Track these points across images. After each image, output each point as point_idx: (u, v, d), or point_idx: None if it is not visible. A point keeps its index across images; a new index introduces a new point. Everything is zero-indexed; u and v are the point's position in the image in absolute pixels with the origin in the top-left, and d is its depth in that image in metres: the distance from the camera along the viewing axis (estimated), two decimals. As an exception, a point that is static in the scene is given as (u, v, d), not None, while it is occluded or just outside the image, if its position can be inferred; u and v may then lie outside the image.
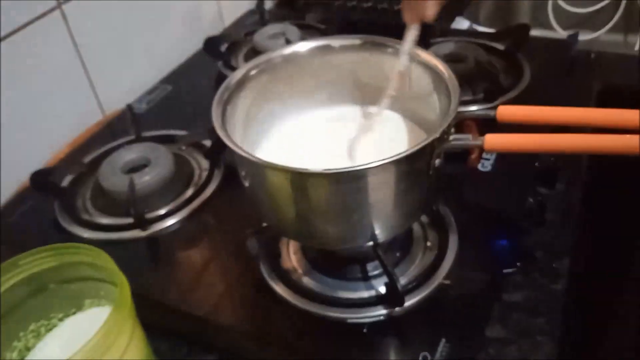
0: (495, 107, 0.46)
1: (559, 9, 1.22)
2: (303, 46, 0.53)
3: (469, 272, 0.54)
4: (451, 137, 0.45)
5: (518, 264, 0.55)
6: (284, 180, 0.43)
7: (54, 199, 0.66)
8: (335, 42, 0.54)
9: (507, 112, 0.44)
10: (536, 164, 0.64)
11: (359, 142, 0.54)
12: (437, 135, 0.43)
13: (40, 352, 0.49)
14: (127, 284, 0.44)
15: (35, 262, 0.46)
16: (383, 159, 0.40)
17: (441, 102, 0.50)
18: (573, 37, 0.87)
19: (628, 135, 0.39)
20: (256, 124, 0.53)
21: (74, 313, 0.51)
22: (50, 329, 0.50)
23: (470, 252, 0.55)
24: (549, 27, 1.24)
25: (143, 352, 0.46)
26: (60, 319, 0.50)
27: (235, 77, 0.50)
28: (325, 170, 0.40)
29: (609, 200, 0.74)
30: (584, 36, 1.20)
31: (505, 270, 0.55)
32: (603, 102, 0.75)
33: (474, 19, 0.98)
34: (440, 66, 0.49)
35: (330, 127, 0.56)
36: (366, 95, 0.57)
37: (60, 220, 0.63)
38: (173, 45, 0.94)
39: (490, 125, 0.47)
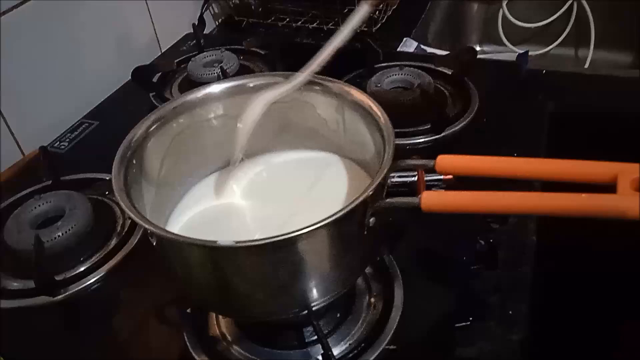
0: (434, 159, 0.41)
1: (509, 25, 1.20)
2: (216, 88, 0.47)
3: (418, 331, 0.49)
4: (391, 180, 0.40)
5: (470, 318, 0.50)
6: (195, 255, 0.37)
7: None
8: (252, 81, 0.48)
9: (445, 162, 0.39)
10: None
11: (296, 191, 0.49)
12: (369, 192, 0.37)
13: None
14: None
15: None
16: (303, 228, 0.35)
17: (377, 147, 0.44)
18: (523, 57, 0.84)
19: (584, 195, 0.34)
20: (175, 178, 0.47)
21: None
22: None
23: (418, 306, 0.50)
24: (500, 42, 1.22)
25: None
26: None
27: (136, 132, 0.43)
28: (239, 243, 0.35)
29: (566, 230, 0.71)
30: (535, 51, 1.19)
31: (457, 325, 0.50)
32: (556, 124, 0.72)
33: (422, 39, 0.94)
34: (375, 108, 0.44)
35: (262, 177, 0.51)
36: (301, 138, 0.52)
37: (-41, 286, 0.56)
38: (101, 75, 0.86)
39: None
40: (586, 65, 1.15)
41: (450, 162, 0.39)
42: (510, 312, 0.51)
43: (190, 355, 0.47)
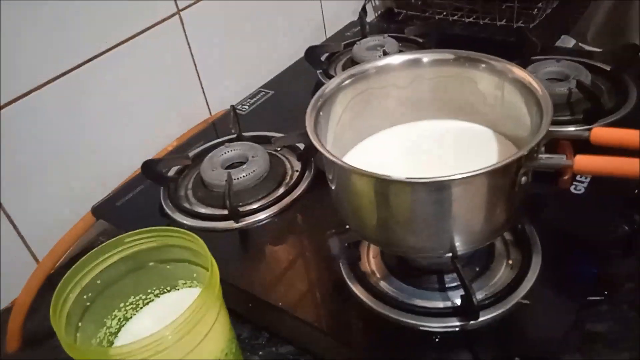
0: (590, 129, 0.45)
1: (679, 30, 1.14)
2: (396, 59, 0.55)
3: (550, 294, 0.52)
4: (540, 156, 0.45)
5: (605, 292, 0.53)
6: (368, 186, 0.45)
7: (160, 187, 0.72)
8: (427, 56, 0.55)
9: (601, 134, 0.43)
10: (636, 190, 0.61)
11: (448, 155, 0.55)
12: (524, 152, 0.43)
13: (137, 322, 0.54)
14: (217, 269, 0.48)
15: (139, 241, 0.51)
16: (466, 172, 0.41)
17: (533, 121, 0.49)
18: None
19: None
20: (347, 132, 0.56)
21: (169, 291, 0.56)
22: (147, 303, 0.55)
23: (553, 274, 0.53)
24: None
25: (226, 333, 0.50)
26: (156, 295, 0.55)
27: (329, 86, 0.53)
28: (408, 178, 0.42)
29: None
30: None
31: (589, 298, 0.53)
32: None
33: (581, 38, 0.95)
34: (534, 83, 0.49)
35: (420, 139, 0.57)
36: (459, 110, 0.58)
37: (164, 206, 0.70)
38: (277, 53, 0.99)
39: (587, 147, 0.47)
40: None
41: (605, 134, 0.43)
42: (646, 299, 0.53)
43: (345, 283, 0.55)
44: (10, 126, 0.64)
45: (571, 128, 0.69)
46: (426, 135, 0.57)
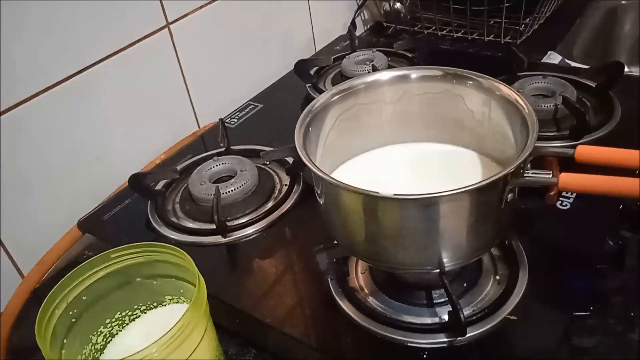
0: (574, 146, 0.46)
1: (663, 47, 1.16)
2: (384, 75, 0.56)
3: (538, 310, 0.53)
4: (526, 173, 0.45)
5: (591, 307, 0.53)
6: (356, 202, 0.45)
7: (147, 200, 0.72)
8: (415, 72, 0.55)
9: (586, 152, 0.44)
10: (620, 206, 0.62)
11: (436, 172, 0.55)
12: (511, 169, 0.43)
13: (124, 338, 0.54)
14: (204, 285, 0.48)
15: (126, 257, 0.51)
16: (454, 189, 0.41)
17: (519, 137, 0.50)
18: (675, 78, 0.83)
19: None
20: (336, 147, 0.56)
21: (156, 307, 0.55)
22: (134, 319, 0.55)
23: (540, 290, 0.54)
24: (651, 65, 1.18)
25: (214, 349, 0.49)
26: (143, 311, 0.55)
27: (318, 101, 0.53)
28: (396, 195, 0.42)
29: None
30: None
31: (576, 313, 0.53)
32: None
33: (567, 54, 0.96)
34: (521, 101, 0.50)
35: (409, 156, 0.58)
36: (447, 125, 0.58)
37: (151, 220, 0.69)
38: (266, 66, 0.99)
39: (573, 163, 0.47)
40: None
41: (589, 152, 0.44)
42: (632, 314, 0.53)
43: (334, 299, 0.55)
44: (-5, 140, 0.64)
45: (557, 144, 0.70)
46: (415, 152, 0.58)
